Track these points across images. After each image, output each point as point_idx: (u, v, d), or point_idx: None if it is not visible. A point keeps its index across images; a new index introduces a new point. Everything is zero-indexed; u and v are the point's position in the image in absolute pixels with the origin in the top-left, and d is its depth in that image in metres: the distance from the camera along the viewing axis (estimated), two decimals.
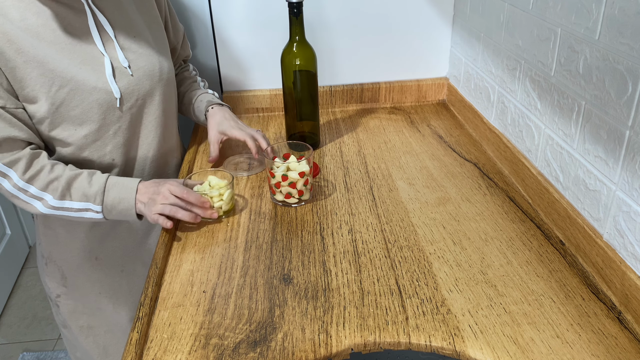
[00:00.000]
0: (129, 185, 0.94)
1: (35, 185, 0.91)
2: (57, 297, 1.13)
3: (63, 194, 0.92)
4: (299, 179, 0.99)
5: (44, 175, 0.91)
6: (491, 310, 0.77)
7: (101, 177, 0.93)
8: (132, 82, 0.97)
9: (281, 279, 0.84)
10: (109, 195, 0.93)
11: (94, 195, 0.92)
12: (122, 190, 0.93)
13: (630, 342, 0.71)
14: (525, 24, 1.01)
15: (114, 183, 0.93)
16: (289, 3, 1.08)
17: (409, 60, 1.43)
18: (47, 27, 0.88)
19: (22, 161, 0.89)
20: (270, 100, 1.43)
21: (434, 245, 0.90)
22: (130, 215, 0.94)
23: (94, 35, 0.93)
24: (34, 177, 0.90)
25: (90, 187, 0.92)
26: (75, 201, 0.92)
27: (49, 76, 0.88)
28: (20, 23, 0.86)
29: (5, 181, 0.90)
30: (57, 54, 0.89)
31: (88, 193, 0.92)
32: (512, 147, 1.09)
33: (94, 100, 0.93)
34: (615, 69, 0.75)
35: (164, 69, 1.03)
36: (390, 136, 1.29)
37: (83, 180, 0.92)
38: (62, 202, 0.92)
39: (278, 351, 0.71)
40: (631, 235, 0.74)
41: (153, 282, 0.83)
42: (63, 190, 0.91)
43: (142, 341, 0.74)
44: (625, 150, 0.75)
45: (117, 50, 0.95)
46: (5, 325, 2.14)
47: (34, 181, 0.91)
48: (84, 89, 0.91)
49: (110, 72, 0.94)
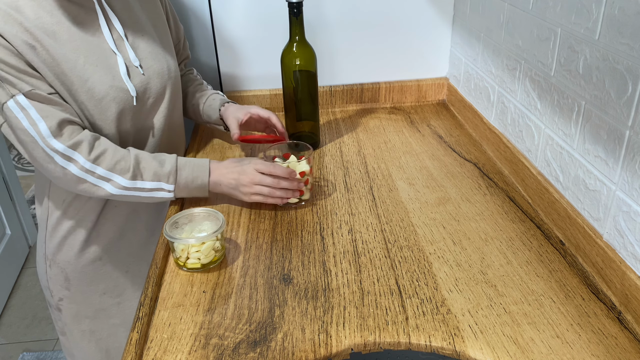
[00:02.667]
0: (201, 164, 0.96)
1: (102, 165, 0.90)
2: (60, 300, 1.12)
3: (135, 174, 0.92)
4: (300, 178, 0.99)
5: (109, 155, 0.90)
6: (491, 310, 0.77)
7: (171, 157, 0.95)
8: (144, 81, 0.97)
9: (281, 279, 0.84)
10: (181, 175, 0.95)
11: (167, 175, 0.93)
12: (195, 169, 0.95)
13: (630, 342, 0.71)
14: (525, 24, 1.01)
15: (185, 162, 0.96)
16: (289, 3, 1.08)
17: (409, 60, 1.43)
18: (62, 25, 0.88)
19: (85, 143, 0.89)
20: (270, 100, 1.43)
21: (434, 245, 0.90)
22: (204, 192, 0.98)
23: (106, 34, 0.93)
24: (99, 158, 0.90)
25: (162, 167, 0.93)
26: (147, 181, 0.93)
27: (67, 75, 0.88)
28: (36, 22, 0.86)
29: (72, 165, 0.88)
30: (72, 53, 0.88)
31: (160, 172, 0.93)
32: (512, 147, 1.09)
33: (111, 100, 0.92)
34: (615, 69, 0.75)
35: (172, 68, 1.04)
36: (390, 136, 1.29)
37: (152, 160, 0.93)
38: (134, 182, 0.92)
39: (278, 351, 0.71)
40: (631, 235, 0.74)
41: (153, 282, 0.83)
42: (135, 171, 0.92)
43: (142, 341, 0.74)
44: (625, 150, 0.75)
45: (128, 49, 0.96)
46: (5, 325, 2.14)
47: (100, 161, 0.90)
48: (101, 88, 0.91)
49: (125, 71, 0.94)
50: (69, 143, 0.87)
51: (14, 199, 2.39)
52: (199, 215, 0.90)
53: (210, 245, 0.85)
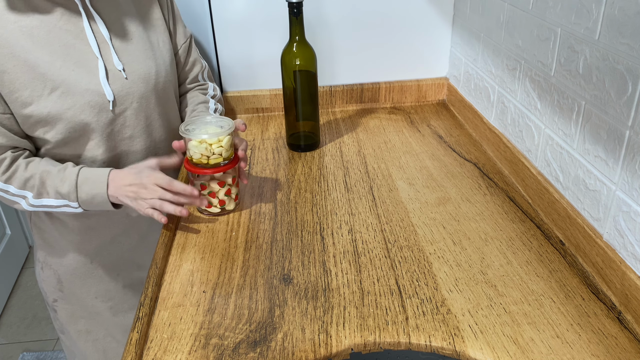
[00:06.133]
0: (99, 180, 0.92)
1: (14, 184, 0.91)
2: (54, 301, 1.13)
3: (40, 192, 0.92)
4: (220, 188, 0.97)
5: (19, 174, 0.91)
6: (491, 310, 0.77)
7: (72, 173, 0.92)
8: (127, 85, 0.96)
9: (281, 279, 0.84)
10: (82, 192, 0.92)
11: (67, 194, 0.92)
12: (93, 187, 0.92)
13: (630, 342, 0.71)
14: (525, 24, 1.01)
15: (85, 179, 0.92)
16: (289, 3, 1.08)
17: (409, 60, 1.43)
18: (42, 29, 0.88)
19: (4, 163, 0.90)
20: (270, 100, 1.43)
21: (434, 245, 0.90)
22: (107, 208, 0.94)
23: (89, 38, 0.92)
24: (11, 177, 0.91)
25: (63, 185, 0.92)
26: (52, 199, 0.93)
27: (40, 80, 0.88)
28: (14, 25, 0.86)
29: None
30: (49, 56, 0.88)
31: (62, 192, 0.92)
32: (512, 147, 1.09)
33: (85, 103, 0.92)
34: (615, 69, 0.75)
35: (161, 73, 1.01)
36: (390, 136, 1.29)
37: (55, 177, 0.92)
38: (40, 201, 0.93)
39: (278, 351, 0.71)
40: (631, 235, 0.74)
41: (153, 282, 0.83)
42: (39, 189, 0.92)
43: (142, 341, 0.74)
44: (625, 150, 0.75)
45: (112, 53, 0.95)
46: (5, 325, 2.14)
47: (11, 180, 0.91)
48: (76, 91, 0.90)
49: (104, 75, 0.93)
50: None
51: None
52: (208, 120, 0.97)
53: (230, 140, 0.94)
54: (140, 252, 1.12)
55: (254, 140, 1.30)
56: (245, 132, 1.34)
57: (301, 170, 1.15)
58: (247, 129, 1.35)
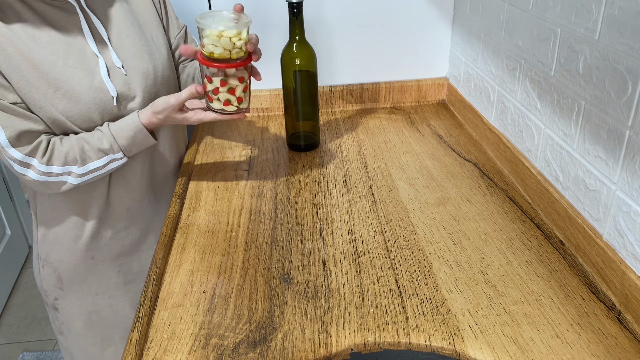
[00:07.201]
0: (132, 120, 0.96)
1: (55, 163, 0.93)
2: (55, 300, 1.13)
3: (83, 159, 0.94)
4: (239, 84, 0.96)
5: (58, 151, 0.93)
6: (491, 310, 0.77)
7: (105, 129, 0.96)
8: (127, 81, 0.98)
9: (281, 279, 0.84)
10: (121, 139, 0.96)
11: (109, 148, 0.95)
12: (129, 130, 0.96)
13: (630, 342, 0.71)
14: (525, 24, 1.01)
15: (118, 128, 0.96)
16: (289, 3, 1.08)
17: (409, 60, 1.43)
18: (43, 30, 0.90)
19: (39, 147, 0.91)
20: (270, 100, 1.43)
21: (433, 245, 0.90)
22: (149, 142, 0.99)
23: (87, 37, 0.94)
24: (51, 157, 0.92)
25: (102, 143, 0.95)
26: (95, 160, 0.95)
27: (45, 79, 0.89)
28: (16, 25, 0.88)
29: (30, 171, 0.92)
30: (52, 56, 0.90)
31: (104, 148, 0.95)
32: (512, 147, 1.09)
33: (90, 100, 0.94)
34: (615, 69, 0.75)
35: (159, 67, 1.03)
36: (390, 136, 1.29)
37: (91, 140, 0.94)
38: (86, 167, 0.95)
39: (278, 351, 0.71)
40: (631, 235, 0.74)
41: (153, 282, 0.83)
42: (81, 156, 0.94)
43: (142, 341, 0.74)
44: (625, 150, 0.75)
45: (111, 51, 0.97)
46: (5, 325, 2.14)
47: (52, 160, 0.92)
48: (80, 90, 0.92)
49: (105, 72, 0.95)
50: (27, 151, 0.90)
51: (14, 199, 2.39)
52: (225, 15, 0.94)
53: (246, 34, 0.91)
54: (141, 248, 1.13)
55: (254, 140, 1.30)
56: (245, 132, 1.34)
57: (301, 170, 1.15)
58: (247, 129, 1.36)
